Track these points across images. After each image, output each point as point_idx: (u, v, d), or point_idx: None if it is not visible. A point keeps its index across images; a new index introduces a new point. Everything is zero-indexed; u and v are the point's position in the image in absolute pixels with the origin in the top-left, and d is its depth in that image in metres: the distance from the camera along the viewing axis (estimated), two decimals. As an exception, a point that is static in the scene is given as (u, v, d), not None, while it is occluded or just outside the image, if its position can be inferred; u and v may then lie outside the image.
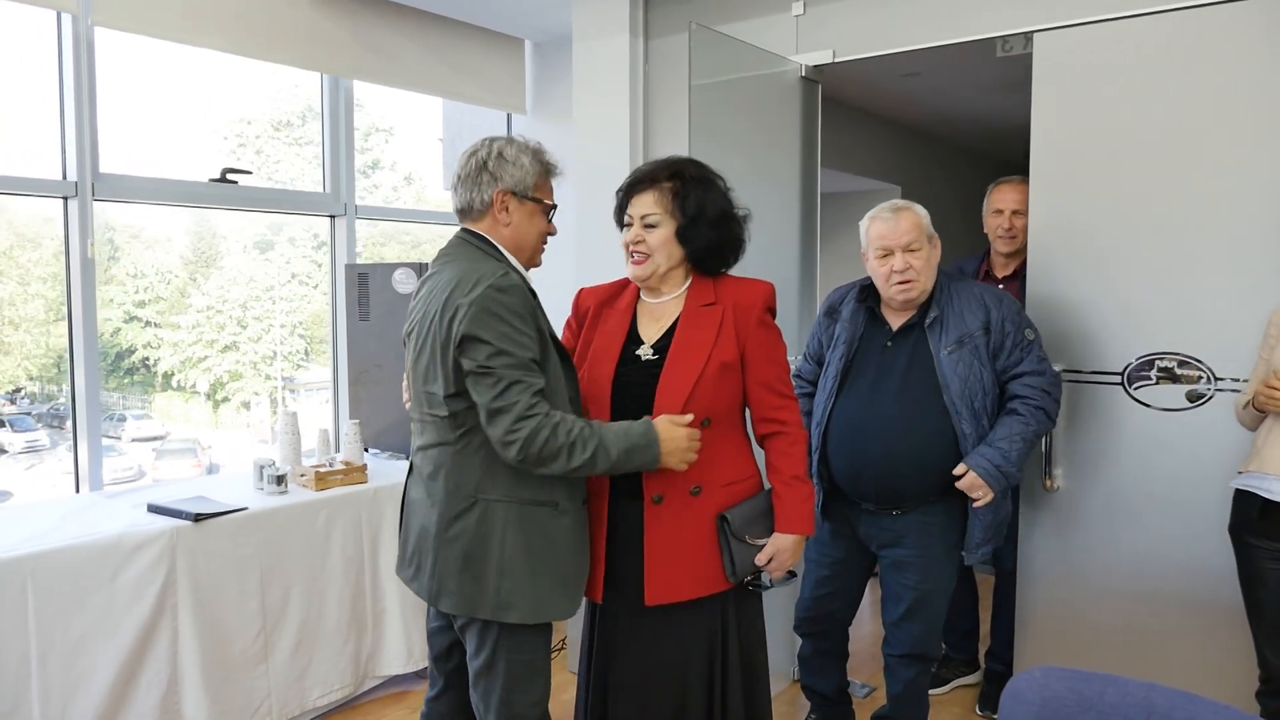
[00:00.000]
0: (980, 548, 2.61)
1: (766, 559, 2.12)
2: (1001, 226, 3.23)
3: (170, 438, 9.21)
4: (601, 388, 2.12)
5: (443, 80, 4.28)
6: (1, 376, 7.57)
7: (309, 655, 3.19)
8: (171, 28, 3.33)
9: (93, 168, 3.27)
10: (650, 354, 2.13)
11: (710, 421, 2.07)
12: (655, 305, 2.19)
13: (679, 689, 2.12)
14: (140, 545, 2.78)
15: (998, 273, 3.31)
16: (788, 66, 3.40)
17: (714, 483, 2.09)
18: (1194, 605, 2.75)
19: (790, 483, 2.14)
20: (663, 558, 2.06)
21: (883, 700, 2.99)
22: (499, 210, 2.05)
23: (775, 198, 3.41)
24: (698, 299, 2.14)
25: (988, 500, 2.53)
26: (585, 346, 2.22)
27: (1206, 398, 2.70)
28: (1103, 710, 1.64)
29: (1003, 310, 2.61)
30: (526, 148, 2.08)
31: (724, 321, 2.10)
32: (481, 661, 2.02)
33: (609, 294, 2.28)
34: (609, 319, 2.22)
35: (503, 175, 2.03)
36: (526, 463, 1.88)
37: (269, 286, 9.87)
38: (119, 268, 9.24)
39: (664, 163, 2.19)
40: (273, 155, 8.78)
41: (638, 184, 2.16)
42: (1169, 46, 2.72)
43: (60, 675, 2.62)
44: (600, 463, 1.90)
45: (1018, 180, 3.26)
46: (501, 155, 2.04)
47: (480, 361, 1.87)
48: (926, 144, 5.71)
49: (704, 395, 2.05)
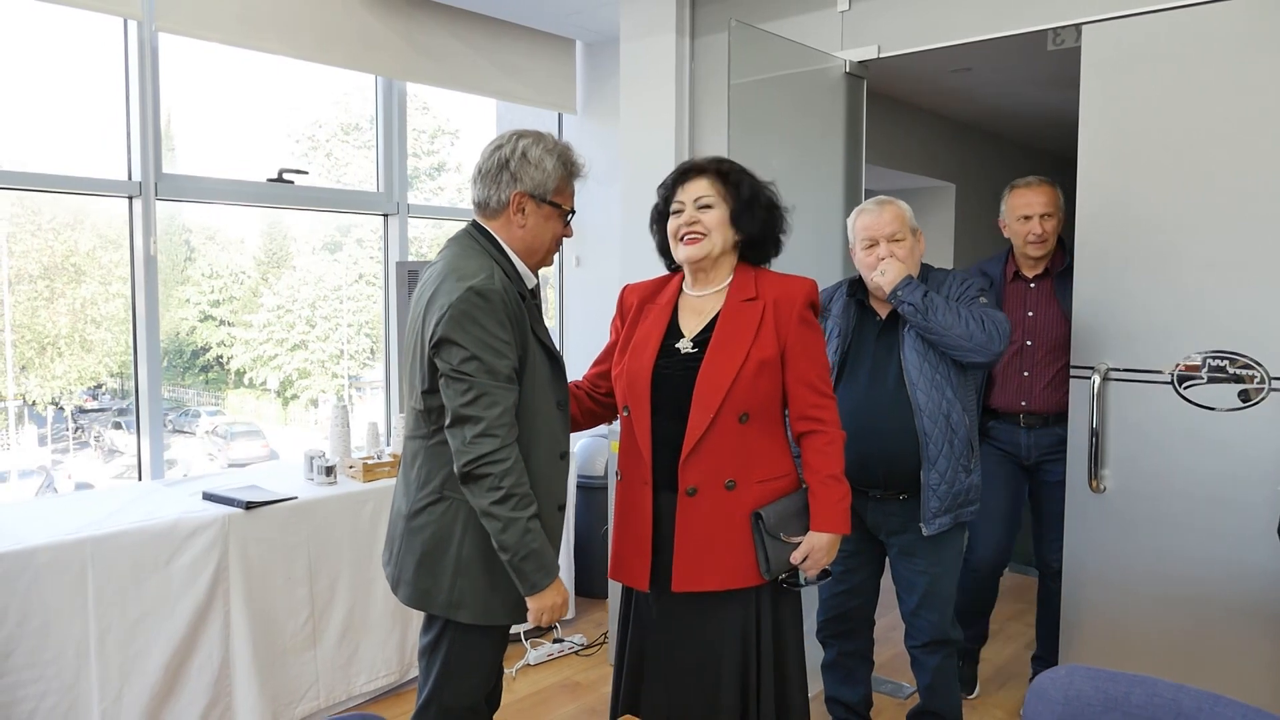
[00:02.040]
0: (937, 518, 2.58)
1: (801, 557, 2.12)
2: (1033, 232, 3.15)
3: (236, 421, 9.52)
4: (641, 379, 2.13)
5: (494, 81, 4.35)
6: (84, 373, 7.90)
7: (355, 642, 3.28)
8: (230, 32, 3.45)
9: (156, 168, 3.41)
10: (690, 347, 2.13)
11: (748, 417, 2.08)
12: (697, 299, 2.20)
13: (711, 681, 2.12)
14: (195, 531, 2.89)
15: (1027, 273, 3.24)
16: (832, 63, 3.38)
17: (749, 478, 2.09)
18: (1243, 610, 2.66)
19: (826, 481, 2.13)
20: (692, 547, 2.08)
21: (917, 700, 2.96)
22: (514, 212, 2.03)
23: (820, 195, 3.40)
24: (739, 294, 2.15)
25: (889, 279, 2.55)
26: (626, 341, 2.23)
27: (1260, 397, 2.62)
28: (1129, 710, 1.61)
29: (962, 286, 2.65)
30: (553, 148, 2.05)
31: (764, 317, 2.10)
32: (427, 642, 2.08)
33: (652, 290, 2.29)
34: (650, 314, 2.23)
35: (523, 177, 2.01)
36: (467, 477, 1.89)
37: (337, 286, 10.13)
38: (194, 268, 9.57)
39: (705, 159, 2.22)
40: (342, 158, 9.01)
41: (687, 173, 2.18)
42: (1220, 37, 2.64)
43: (118, 654, 2.74)
44: (509, 533, 1.89)
45: (1037, 182, 3.20)
46: (525, 156, 2.01)
47: (454, 365, 1.88)
48: (981, 140, 5.61)
49: (742, 390, 2.06)
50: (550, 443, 2.05)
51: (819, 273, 3.18)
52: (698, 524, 2.08)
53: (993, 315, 2.56)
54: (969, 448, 2.63)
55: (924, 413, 2.56)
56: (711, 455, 2.06)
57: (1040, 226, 3.15)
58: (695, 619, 2.13)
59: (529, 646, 3.77)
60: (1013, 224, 3.21)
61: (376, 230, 4.36)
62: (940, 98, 4.71)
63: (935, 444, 2.56)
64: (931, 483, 2.57)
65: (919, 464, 2.58)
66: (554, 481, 2.08)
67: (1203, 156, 2.69)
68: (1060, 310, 3.14)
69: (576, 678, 3.58)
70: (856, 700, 2.94)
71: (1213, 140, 2.67)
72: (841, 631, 2.89)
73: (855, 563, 2.81)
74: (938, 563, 2.67)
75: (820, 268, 3.29)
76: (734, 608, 2.12)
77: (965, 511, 2.64)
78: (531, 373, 2.00)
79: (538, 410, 2.01)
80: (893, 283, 2.56)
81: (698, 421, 2.05)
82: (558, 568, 2.00)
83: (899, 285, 2.55)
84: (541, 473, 2.02)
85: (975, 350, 2.52)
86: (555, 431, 2.07)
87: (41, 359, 7.08)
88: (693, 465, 2.06)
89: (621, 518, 2.20)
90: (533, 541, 1.91)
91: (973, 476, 2.64)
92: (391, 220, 4.25)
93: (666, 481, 2.12)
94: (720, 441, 2.06)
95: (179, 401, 8.54)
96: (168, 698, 2.84)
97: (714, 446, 2.06)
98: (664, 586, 2.13)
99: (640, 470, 2.13)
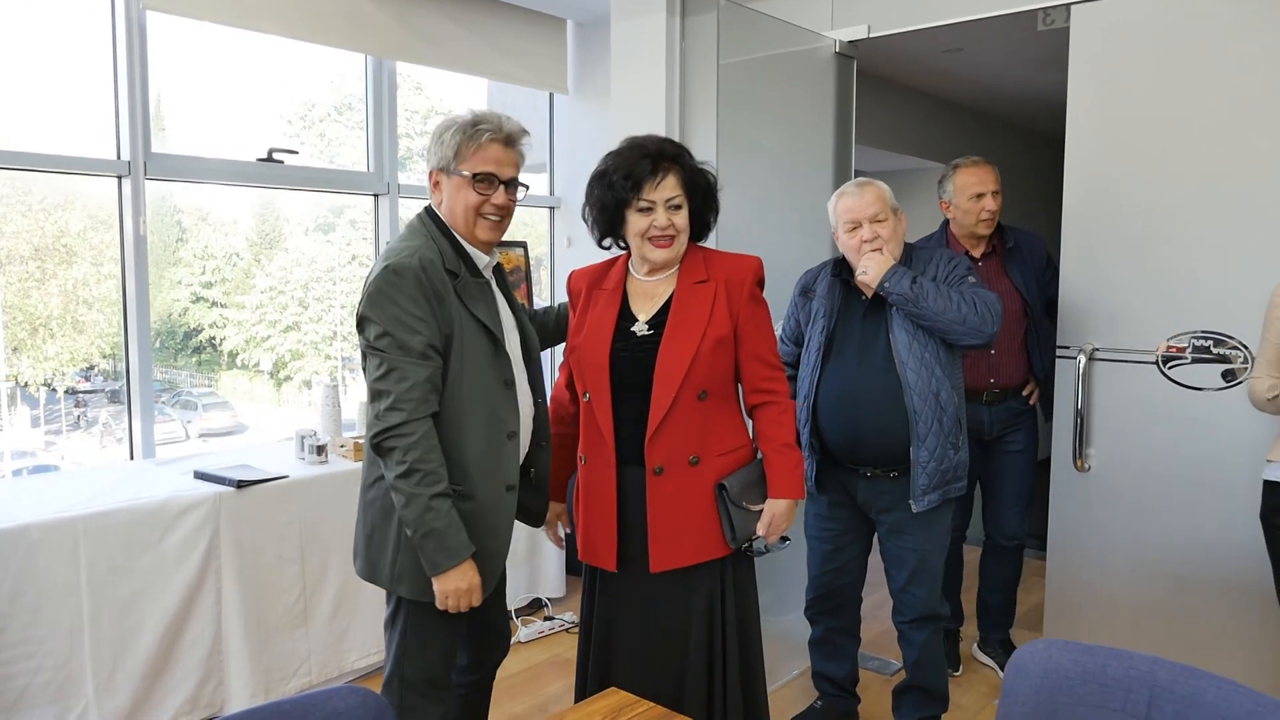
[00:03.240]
0: (926, 495, 2.61)
1: (765, 525, 2.19)
2: (987, 209, 3.19)
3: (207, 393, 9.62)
4: (598, 362, 2.15)
5: (485, 61, 4.34)
6: (76, 354, 7.90)
7: (347, 619, 3.30)
8: (219, 11, 3.44)
9: (145, 147, 3.40)
10: (646, 330, 2.16)
11: (706, 394, 2.13)
12: (648, 284, 2.22)
13: (680, 653, 2.19)
14: (186, 509, 2.91)
15: (974, 253, 3.27)
16: (822, 43, 3.38)
17: (710, 452, 2.15)
18: (1225, 588, 2.70)
19: (781, 450, 2.21)
20: (665, 526, 2.13)
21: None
22: (433, 189, 2.11)
23: (809, 176, 3.41)
24: (690, 276, 2.18)
25: (873, 272, 2.57)
26: (579, 329, 2.25)
27: (1244, 377, 2.64)
28: (1105, 683, 1.64)
29: (950, 266, 2.67)
30: (456, 122, 2.06)
31: (717, 298, 2.15)
32: (387, 616, 2.13)
33: (598, 275, 2.30)
34: (599, 299, 2.24)
35: (430, 155, 2.09)
36: (377, 449, 1.94)
37: (330, 268, 10.14)
38: (186, 249, 9.55)
39: (660, 144, 2.16)
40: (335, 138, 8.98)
41: (656, 170, 2.11)
42: (1209, 18, 2.65)
43: (110, 631, 2.76)
44: (409, 509, 1.90)
45: (982, 160, 3.25)
46: (436, 137, 2.08)
47: (369, 341, 1.95)
48: (972, 121, 5.61)
49: (700, 369, 2.11)
50: (492, 422, 2.04)
51: (807, 253, 3.20)
52: (667, 502, 2.14)
53: (984, 296, 2.58)
54: (957, 425, 2.65)
55: (914, 391, 2.58)
56: (674, 433, 2.11)
57: (994, 203, 3.20)
58: (665, 591, 2.19)
59: (519, 624, 3.80)
60: (963, 203, 3.23)
61: (369, 211, 4.36)
62: (930, 78, 4.71)
63: (925, 422, 2.59)
64: (921, 460, 2.60)
65: (909, 442, 2.61)
66: (500, 462, 2.06)
67: (1191, 138, 2.70)
68: (1012, 285, 3.22)
69: (567, 655, 3.62)
70: (843, 675, 2.99)
71: (1201, 122, 2.68)
72: (829, 609, 2.93)
73: (845, 540, 2.84)
74: (927, 539, 2.71)
75: (809, 248, 3.30)
76: (702, 577, 2.19)
77: (953, 488, 2.67)
78: (460, 350, 2.00)
79: (474, 387, 2.02)
80: (877, 277, 2.58)
81: (660, 401, 2.09)
82: (467, 550, 1.96)
83: (885, 278, 2.57)
84: (481, 452, 2.02)
85: (969, 333, 2.55)
86: (499, 410, 2.06)
87: (33, 340, 7.08)
88: (658, 445, 2.11)
89: (587, 500, 2.24)
90: (434, 520, 1.91)
91: (960, 453, 2.67)
92: (382, 200, 4.25)
93: (629, 459, 2.16)
94: (682, 419, 2.11)
95: (172, 383, 8.53)
96: (160, 674, 2.86)
97: (676, 425, 2.11)
98: (632, 564, 2.18)
99: (603, 452, 2.17)
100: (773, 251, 3.12)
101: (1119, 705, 1.61)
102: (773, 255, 2.96)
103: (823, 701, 3.04)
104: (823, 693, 3.04)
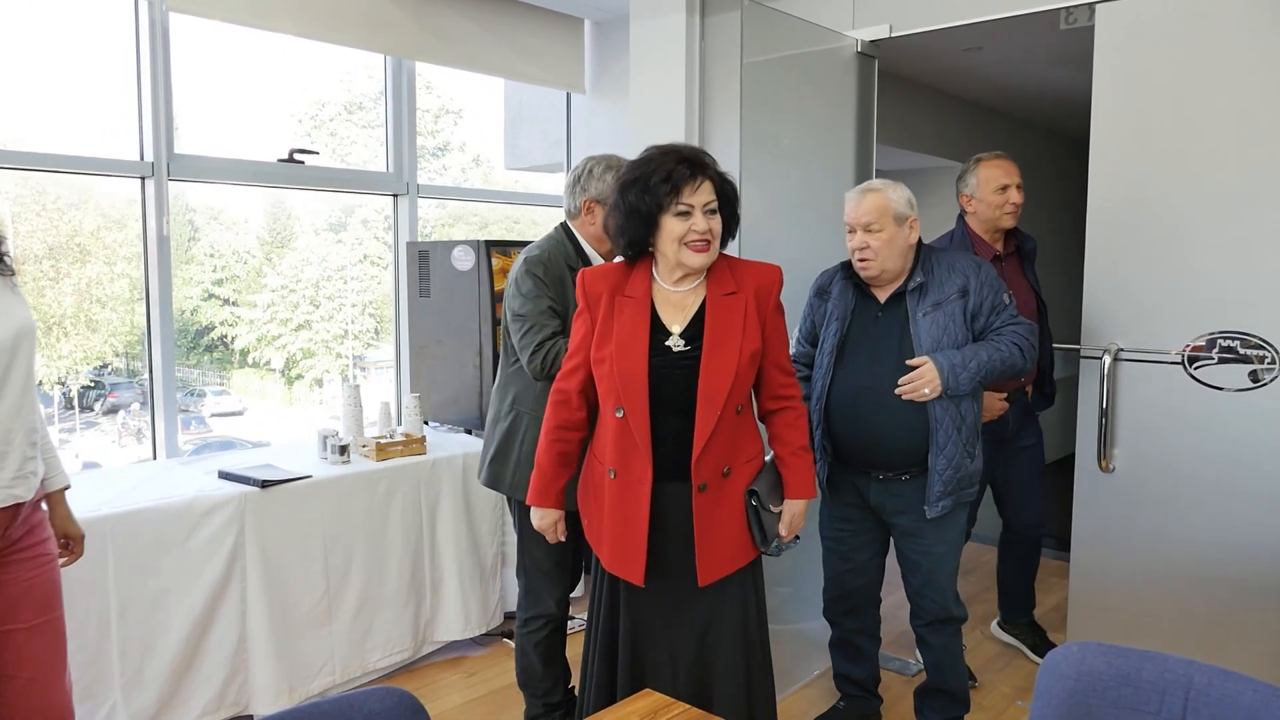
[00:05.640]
0: (940, 501, 2.62)
1: (787, 525, 2.23)
2: (1012, 201, 3.21)
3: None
4: (636, 378, 2.10)
5: (503, 61, 4.34)
6: (90, 353, 7.92)
7: (370, 619, 3.31)
8: (240, 12, 3.45)
9: (168, 148, 3.41)
10: (681, 345, 2.13)
11: (742, 408, 2.17)
12: (677, 294, 2.17)
13: (714, 655, 2.22)
14: (212, 509, 2.92)
15: (998, 248, 3.29)
16: (843, 42, 3.37)
17: (738, 461, 2.18)
18: (1252, 589, 2.69)
19: (798, 453, 2.25)
20: (711, 540, 2.15)
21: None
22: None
23: (831, 176, 3.40)
24: (719, 287, 2.16)
25: (933, 393, 2.53)
26: (605, 336, 2.17)
27: (1270, 378, 2.63)
28: (1140, 686, 1.63)
29: (981, 276, 2.65)
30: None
31: (748, 310, 2.15)
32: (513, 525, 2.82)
33: (618, 279, 2.21)
34: (625, 308, 2.17)
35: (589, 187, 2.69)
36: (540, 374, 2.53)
37: (341, 266, 10.14)
38: (198, 248, 9.59)
39: (693, 151, 2.16)
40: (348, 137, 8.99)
41: (694, 175, 2.11)
42: (1234, 16, 2.64)
43: (138, 629, 2.78)
44: None
45: (1003, 154, 3.28)
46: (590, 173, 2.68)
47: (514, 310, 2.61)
48: (995, 120, 5.60)
49: (740, 386, 2.14)
50: None
51: (828, 252, 3.20)
52: (709, 516, 2.15)
53: (1023, 330, 2.61)
54: (975, 434, 2.66)
55: (937, 402, 2.57)
56: (717, 450, 2.13)
57: (1018, 196, 3.22)
58: (698, 599, 2.21)
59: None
60: (988, 196, 3.23)
61: (381, 210, 4.36)
62: (951, 77, 4.70)
63: (945, 431, 2.58)
64: (939, 467, 2.60)
65: (922, 446, 2.61)
66: None
67: (1215, 137, 2.69)
68: (1029, 284, 3.28)
69: (587, 654, 3.62)
70: (864, 676, 2.99)
71: (1225, 120, 2.67)
72: (848, 610, 2.93)
73: (859, 542, 2.84)
74: (940, 542, 2.71)
75: (830, 247, 3.29)
76: (735, 583, 2.22)
77: (966, 494, 2.68)
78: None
79: None
80: (938, 389, 2.52)
81: (706, 420, 2.09)
82: None
83: (945, 387, 2.52)
84: None
85: (1018, 375, 2.63)
86: None
87: (48, 339, 7.10)
88: (703, 463, 2.11)
89: (617, 514, 2.19)
90: None
91: (976, 462, 2.68)
92: (401, 200, 4.26)
93: (668, 475, 2.14)
94: (723, 436, 2.13)
95: (185, 381, 8.56)
96: (186, 671, 2.88)
97: (719, 441, 2.12)
98: (664, 576, 2.19)
99: (638, 468, 2.13)
100: (794, 251, 3.13)
101: (1154, 709, 1.61)
102: (794, 254, 2.97)
103: (845, 702, 3.04)
104: (845, 694, 3.04)
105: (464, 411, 3.88)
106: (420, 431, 3.60)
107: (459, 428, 3.96)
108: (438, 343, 3.95)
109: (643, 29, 3.80)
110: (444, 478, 3.52)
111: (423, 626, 3.50)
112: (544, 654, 2.80)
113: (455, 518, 3.55)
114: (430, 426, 3.97)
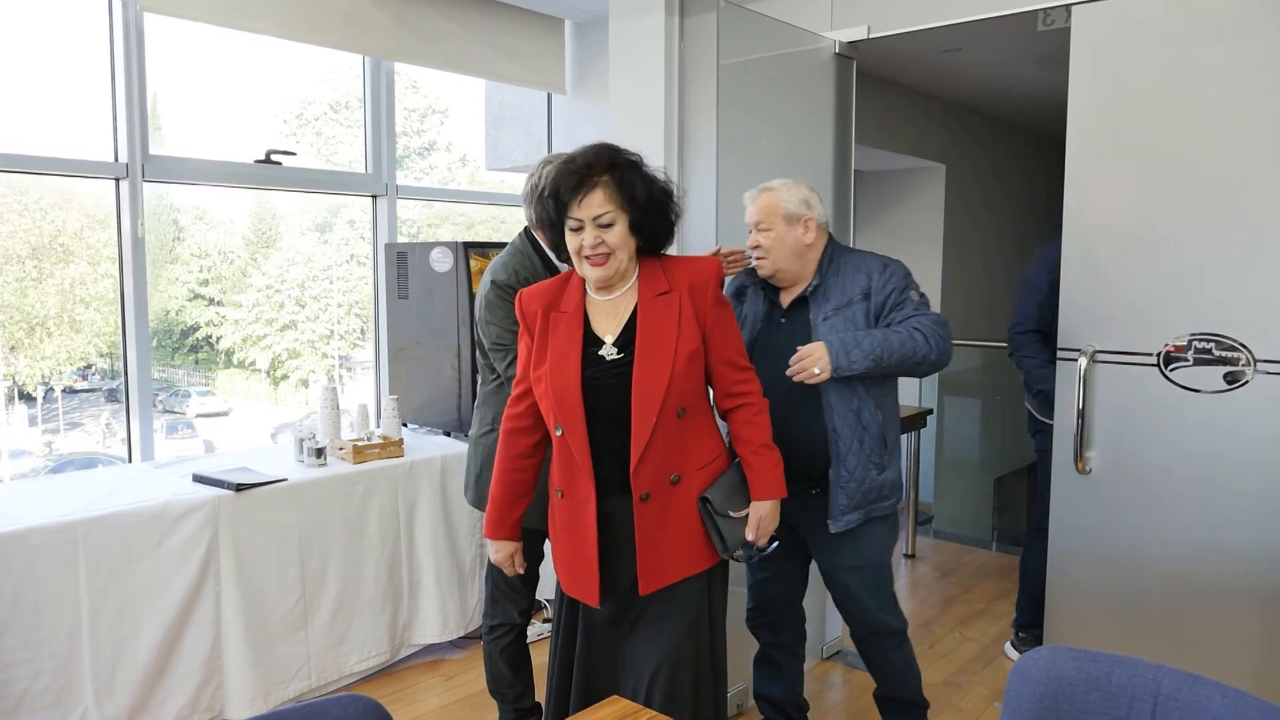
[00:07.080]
0: (845, 515, 2.52)
1: (753, 530, 2.16)
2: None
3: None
4: (571, 394, 2.05)
5: (484, 61, 4.33)
6: (74, 354, 7.88)
7: (347, 622, 3.30)
8: (216, 12, 3.42)
9: (143, 150, 3.39)
10: (614, 353, 2.07)
11: (685, 411, 2.07)
12: (607, 302, 2.11)
13: (672, 662, 2.14)
14: (185, 513, 2.90)
15: None
16: (821, 43, 3.37)
17: (690, 467, 2.10)
18: (1226, 591, 2.70)
19: (760, 451, 2.17)
20: (652, 550, 2.08)
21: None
22: None
23: (809, 177, 3.38)
24: (651, 288, 2.09)
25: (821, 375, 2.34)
26: (541, 355, 2.12)
27: (1245, 380, 2.64)
28: (1109, 690, 1.63)
29: (885, 275, 2.52)
30: None
31: (683, 308, 2.07)
32: None
33: (552, 295, 2.15)
34: (559, 323, 2.12)
35: None
36: None
37: (327, 267, 10.10)
38: (183, 248, 9.54)
39: (591, 157, 2.05)
40: (334, 136, 8.97)
41: (580, 186, 2.01)
42: (1211, 18, 2.64)
43: (110, 634, 2.76)
44: None
45: None
46: None
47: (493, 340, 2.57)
48: (974, 121, 5.60)
49: (678, 388, 2.04)
50: None
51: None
52: (653, 526, 2.08)
53: (929, 320, 2.44)
54: (881, 444, 2.55)
55: (834, 410, 2.49)
56: (657, 456, 2.04)
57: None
58: (654, 609, 2.15)
59: (520, 626, 3.78)
60: None
61: (366, 211, 4.35)
62: (930, 78, 4.70)
63: (845, 441, 2.50)
64: (840, 479, 2.51)
65: (827, 459, 2.52)
66: None
67: (1191, 139, 2.70)
68: None
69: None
70: (782, 696, 2.87)
71: (1202, 122, 2.67)
72: (766, 622, 2.84)
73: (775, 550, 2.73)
74: (856, 556, 2.60)
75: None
76: (689, 590, 2.15)
77: (878, 507, 2.57)
78: None
79: None
80: (827, 368, 2.35)
81: (641, 428, 2.02)
82: None
83: (835, 365, 2.35)
84: None
85: (928, 366, 2.45)
86: None
87: (31, 339, 7.04)
88: (643, 472, 2.04)
89: (568, 534, 2.15)
90: None
91: (886, 474, 2.56)
92: (380, 201, 4.24)
93: (611, 489, 2.08)
94: (663, 442, 2.04)
95: (169, 382, 8.51)
96: (160, 677, 2.86)
97: (659, 448, 2.04)
98: (618, 590, 2.14)
99: (583, 485, 2.08)
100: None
101: (1123, 713, 1.61)
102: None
103: None
104: (764, 715, 2.93)
105: (442, 414, 3.87)
106: (398, 434, 3.59)
107: (437, 430, 3.94)
108: (416, 344, 3.93)
109: (622, 29, 3.79)
110: (422, 480, 3.50)
111: (400, 630, 3.48)
112: (510, 660, 2.80)
113: (433, 520, 3.53)
114: (409, 429, 3.95)
